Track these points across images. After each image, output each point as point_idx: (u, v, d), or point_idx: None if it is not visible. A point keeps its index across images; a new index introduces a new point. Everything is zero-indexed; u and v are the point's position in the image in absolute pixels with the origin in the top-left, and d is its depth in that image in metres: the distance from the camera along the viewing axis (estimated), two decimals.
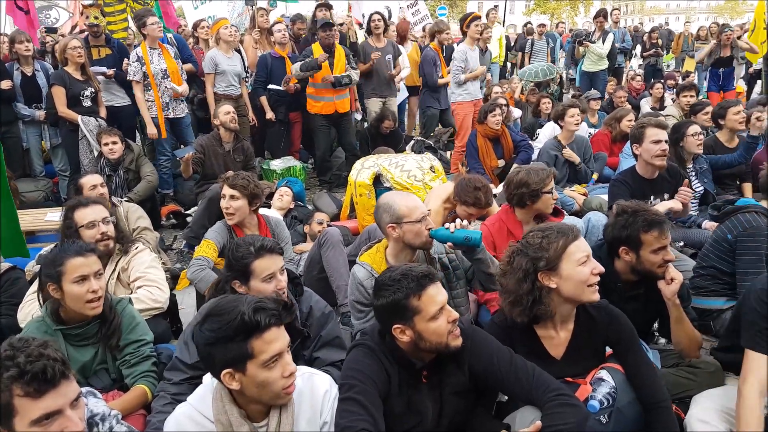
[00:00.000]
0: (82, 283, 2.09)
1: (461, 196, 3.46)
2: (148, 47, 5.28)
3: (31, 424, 1.34)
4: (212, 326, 1.52)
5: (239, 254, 2.16)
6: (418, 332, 1.73)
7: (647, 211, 2.29)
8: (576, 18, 29.98)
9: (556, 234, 1.95)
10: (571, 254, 1.92)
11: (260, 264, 2.15)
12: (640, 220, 2.26)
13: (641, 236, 2.25)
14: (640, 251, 2.27)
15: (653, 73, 10.57)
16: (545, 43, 11.42)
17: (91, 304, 2.11)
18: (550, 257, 1.92)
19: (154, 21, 5.30)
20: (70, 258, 2.09)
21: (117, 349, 2.22)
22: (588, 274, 1.91)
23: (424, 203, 2.69)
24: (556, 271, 1.92)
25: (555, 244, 1.93)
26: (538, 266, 1.93)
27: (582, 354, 2.02)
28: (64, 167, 5.41)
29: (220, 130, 4.93)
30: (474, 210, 3.42)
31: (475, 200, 3.40)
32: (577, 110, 4.92)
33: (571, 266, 1.91)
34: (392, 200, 2.47)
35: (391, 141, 6.20)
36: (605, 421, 1.88)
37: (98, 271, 2.14)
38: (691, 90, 6.22)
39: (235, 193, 3.14)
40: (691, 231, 3.76)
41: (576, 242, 1.95)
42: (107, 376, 2.26)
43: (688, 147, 3.98)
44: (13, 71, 5.44)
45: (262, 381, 1.51)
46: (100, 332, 2.19)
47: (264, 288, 2.15)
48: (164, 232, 4.89)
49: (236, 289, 2.20)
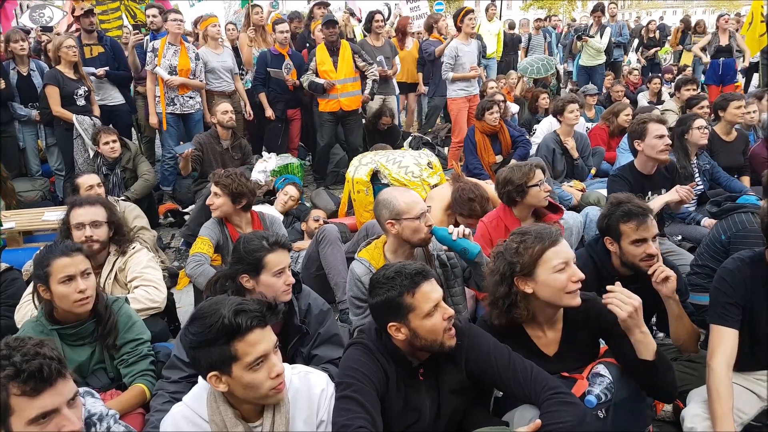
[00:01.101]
0: (68, 283, 2.07)
1: (457, 210, 3.55)
2: (168, 42, 5.33)
3: (27, 423, 1.34)
4: (195, 330, 1.52)
5: (252, 247, 2.16)
6: (413, 330, 1.73)
7: (630, 202, 2.29)
8: (573, 13, 29.92)
9: (533, 239, 1.91)
10: (548, 261, 1.88)
11: (273, 258, 2.16)
12: (620, 211, 2.27)
13: (620, 226, 2.27)
14: (621, 242, 2.29)
15: (651, 67, 10.56)
16: (542, 38, 11.40)
17: (79, 303, 2.10)
18: (524, 263, 1.90)
19: (175, 17, 5.34)
20: (56, 258, 2.08)
21: (114, 349, 2.21)
22: (565, 281, 1.87)
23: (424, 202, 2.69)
24: (531, 276, 1.90)
25: (531, 250, 1.90)
26: (514, 271, 1.92)
27: (575, 349, 2.01)
28: (60, 167, 5.40)
29: (218, 128, 4.93)
30: (472, 220, 3.43)
31: (470, 212, 3.46)
32: (577, 105, 4.91)
33: (546, 273, 1.88)
34: (392, 196, 2.47)
35: (389, 137, 6.19)
36: (603, 416, 1.88)
37: (85, 271, 2.13)
38: (693, 84, 6.19)
39: (218, 191, 3.16)
40: (689, 227, 3.76)
41: (554, 248, 1.90)
42: (105, 375, 2.25)
43: (693, 139, 3.97)
44: (9, 70, 5.43)
45: (248, 383, 1.50)
46: (96, 332, 2.19)
47: (274, 282, 2.15)
48: (162, 231, 4.88)
49: (244, 284, 2.19)
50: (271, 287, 2.15)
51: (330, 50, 5.73)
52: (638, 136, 3.39)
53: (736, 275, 1.99)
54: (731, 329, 1.95)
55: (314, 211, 4.46)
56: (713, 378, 1.88)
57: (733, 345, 1.94)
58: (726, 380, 1.87)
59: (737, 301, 1.96)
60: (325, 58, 5.72)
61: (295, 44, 6.61)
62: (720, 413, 1.83)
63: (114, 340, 2.20)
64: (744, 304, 1.97)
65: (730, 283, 1.98)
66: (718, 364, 1.90)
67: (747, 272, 1.98)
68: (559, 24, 11.77)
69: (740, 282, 1.98)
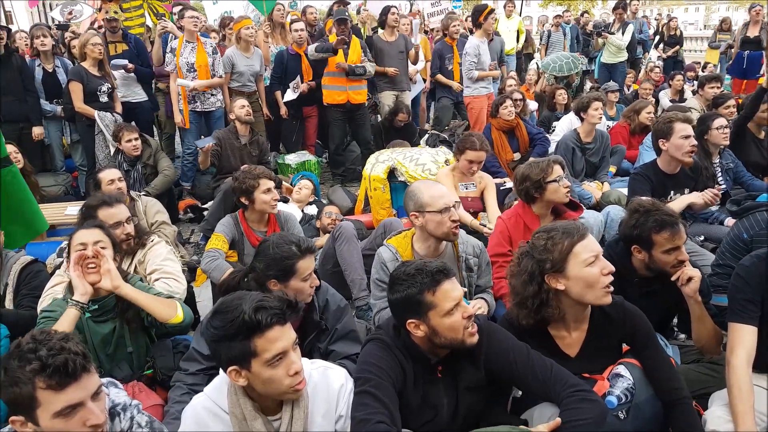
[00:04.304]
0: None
1: (458, 145, 3.91)
2: (185, 40, 5.38)
3: (53, 416, 1.37)
4: (216, 324, 1.53)
5: (284, 254, 2.15)
6: (433, 328, 1.72)
7: (659, 211, 2.24)
8: (593, 9, 29.55)
9: (561, 234, 1.90)
10: (578, 255, 1.87)
11: (303, 264, 2.16)
12: (651, 221, 2.22)
13: (653, 237, 2.22)
14: (652, 251, 2.24)
15: (673, 65, 10.36)
16: (561, 35, 11.27)
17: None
18: (555, 259, 1.88)
19: (192, 15, 5.40)
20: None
21: (134, 322, 2.31)
22: (597, 274, 1.85)
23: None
24: (562, 272, 1.88)
25: (560, 245, 1.88)
26: (544, 268, 1.90)
27: (597, 352, 1.99)
28: (84, 162, 5.48)
29: (236, 124, 4.97)
30: (471, 154, 3.79)
31: (470, 144, 3.78)
32: (601, 104, 4.83)
33: (578, 267, 1.86)
34: (418, 189, 2.52)
35: (405, 134, 6.17)
36: (623, 417, 1.85)
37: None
38: (717, 81, 6.06)
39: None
40: (712, 226, 3.69)
41: (583, 242, 1.89)
42: (128, 367, 2.31)
43: (713, 140, 3.89)
44: (35, 67, 5.53)
45: (267, 378, 1.52)
46: (118, 307, 2.27)
47: (302, 286, 2.17)
48: (182, 226, 4.94)
49: (271, 288, 2.19)
50: (300, 291, 2.17)
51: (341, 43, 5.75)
52: (663, 135, 3.33)
53: (754, 272, 1.96)
54: (750, 326, 1.92)
55: (327, 207, 4.46)
56: (733, 374, 1.85)
57: (753, 342, 1.90)
58: (746, 377, 1.84)
59: (755, 297, 1.93)
60: (337, 53, 5.74)
61: (313, 40, 6.62)
62: (741, 410, 1.80)
63: (133, 314, 2.29)
64: (762, 301, 1.94)
65: (747, 280, 1.95)
66: (738, 360, 1.87)
67: (764, 269, 1.95)
68: (571, 19, 11.59)
69: (758, 279, 1.94)
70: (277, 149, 6.62)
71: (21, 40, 6.89)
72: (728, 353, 1.92)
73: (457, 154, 3.90)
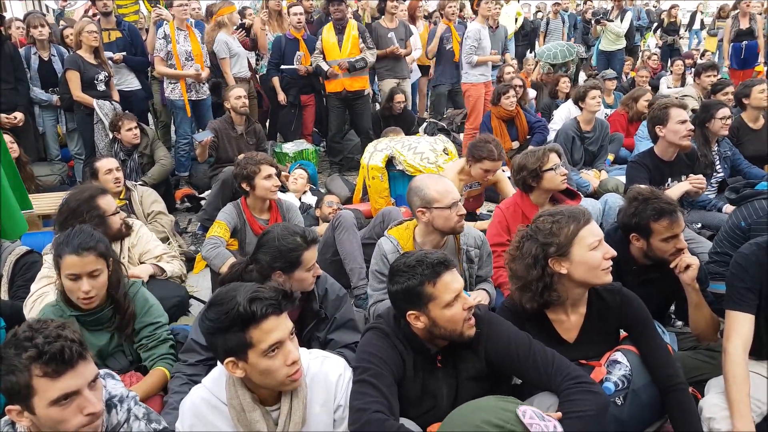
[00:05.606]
0: (75, 281, 2.09)
1: (474, 153, 3.51)
2: (176, 27, 5.29)
3: (49, 404, 1.36)
4: (211, 316, 1.53)
5: (290, 245, 2.15)
6: (433, 319, 1.72)
7: (658, 199, 2.24)
8: None
9: (566, 219, 1.91)
10: (583, 239, 1.88)
11: (308, 254, 2.17)
12: (650, 209, 2.22)
13: (651, 225, 2.22)
14: (650, 239, 2.24)
15: (670, 52, 10.32)
16: (560, 22, 11.19)
17: (83, 301, 2.12)
18: (561, 243, 1.89)
19: (180, 3, 5.30)
20: (67, 255, 2.08)
21: (132, 335, 2.25)
22: (600, 258, 1.88)
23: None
24: (567, 256, 1.89)
25: (566, 230, 1.89)
26: (549, 252, 1.90)
27: (595, 337, 2.00)
28: (80, 151, 5.44)
29: (232, 114, 4.93)
30: (488, 164, 3.46)
31: (488, 153, 3.44)
32: (599, 92, 4.82)
33: (582, 251, 1.88)
34: (424, 184, 2.47)
35: (403, 121, 6.13)
36: (620, 403, 1.87)
37: (93, 272, 2.10)
38: (713, 69, 6.04)
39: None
40: (710, 213, 3.70)
41: (587, 227, 1.90)
42: (124, 358, 2.29)
43: (713, 129, 3.88)
44: (30, 56, 5.47)
45: (264, 369, 1.51)
46: (114, 318, 2.22)
47: (306, 277, 2.18)
48: (179, 216, 4.92)
49: (276, 280, 2.18)
50: (303, 281, 2.17)
51: (336, 29, 5.66)
52: (660, 121, 3.32)
53: (753, 260, 1.95)
54: (747, 314, 1.92)
55: (328, 197, 4.46)
56: (729, 361, 1.86)
57: (749, 330, 1.91)
58: (742, 364, 1.85)
59: (753, 286, 1.94)
60: (330, 37, 5.66)
61: (311, 28, 6.56)
62: (736, 398, 1.81)
63: (131, 330, 2.24)
64: (761, 289, 1.94)
65: (745, 268, 1.95)
66: (734, 347, 1.87)
67: (763, 257, 1.95)
68: (569, 6, 11.50)
69: (756, 267, 1.94)
70: (274, 138, 6.59)
71: (17, 29, 6.81)
72: (725, 340, 1.92)
73: (471, 162, 3.54)
